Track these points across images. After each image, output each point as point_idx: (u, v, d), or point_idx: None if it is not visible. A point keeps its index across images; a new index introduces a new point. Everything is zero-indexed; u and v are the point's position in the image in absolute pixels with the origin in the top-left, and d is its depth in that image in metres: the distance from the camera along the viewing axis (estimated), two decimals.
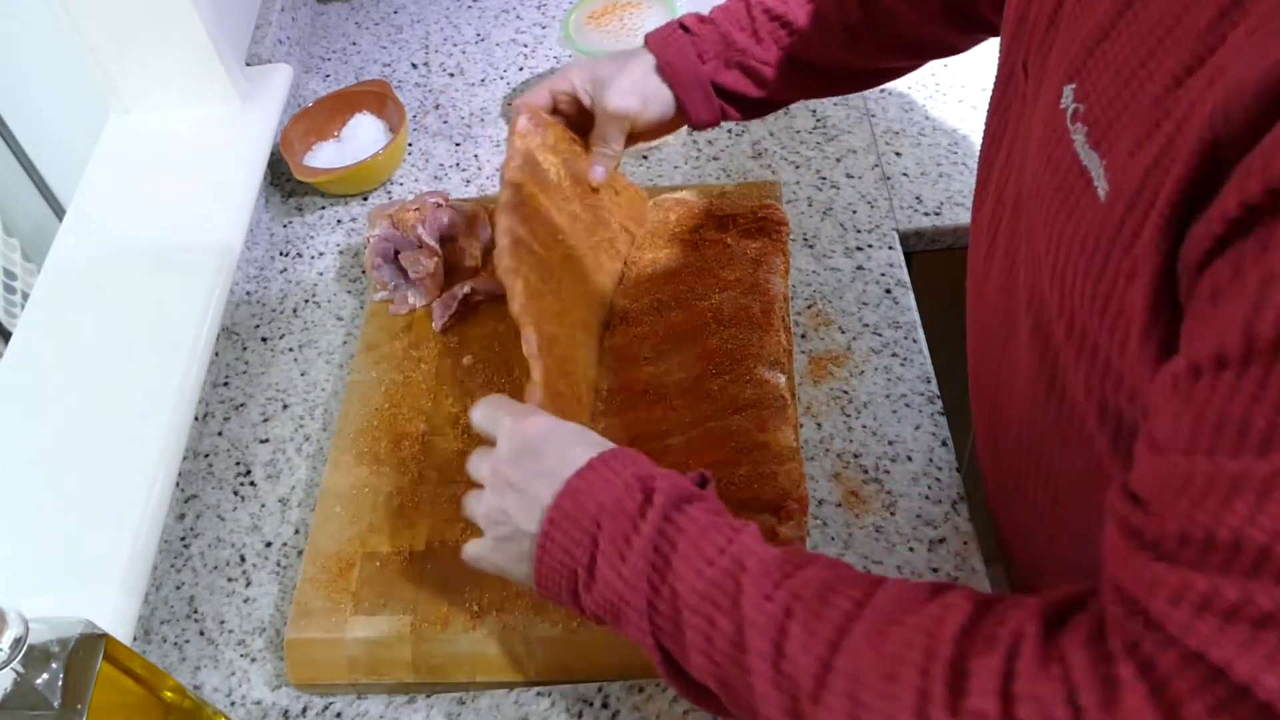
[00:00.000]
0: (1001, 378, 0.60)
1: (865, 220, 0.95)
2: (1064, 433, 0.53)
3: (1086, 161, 0.43)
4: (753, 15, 0.77)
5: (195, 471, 0.84)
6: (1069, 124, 0.45)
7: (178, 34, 0.98)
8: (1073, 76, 0.45)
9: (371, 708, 0.69)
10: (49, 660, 0.52)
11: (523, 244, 0.72)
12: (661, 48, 0.76)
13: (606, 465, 0.55)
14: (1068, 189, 0.45)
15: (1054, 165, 0.46)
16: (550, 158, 0.77)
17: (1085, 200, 0.43)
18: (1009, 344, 0.58)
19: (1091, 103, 0.43)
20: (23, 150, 1.29)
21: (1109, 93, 0.42)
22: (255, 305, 0.96)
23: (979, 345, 0.65)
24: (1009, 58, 0.58)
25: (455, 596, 0.70)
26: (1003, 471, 0.64)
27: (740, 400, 0.77)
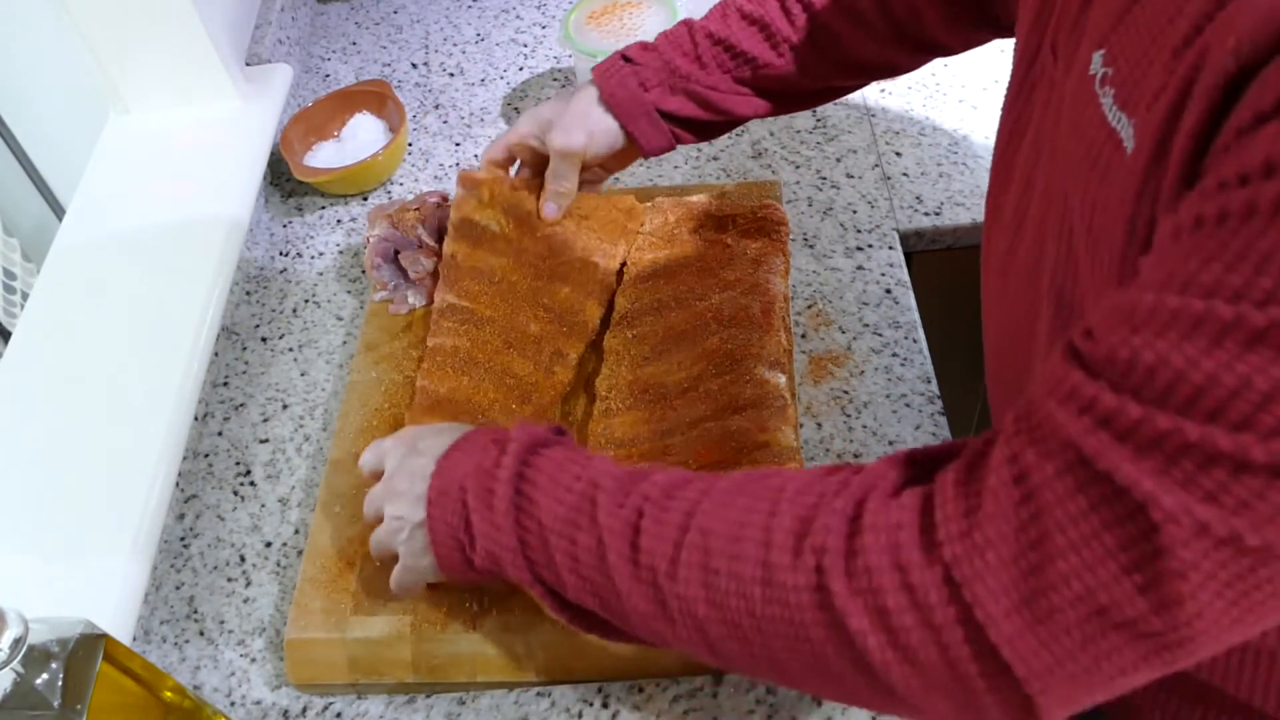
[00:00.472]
0: (1028, 369, 0.60)
1: (865, 220, 0.95)
2: None
3: (1115, 123, 0.44)
4: (695, 40, 0.77)
5: (195, 471, 0.84)
6: (1098, 89, 0.45)
7: (178, 34, 0.98)
8: (1102, 42, 0.46)
9: (371, 708, 0.69)
10: (49, 660, 0.52)
11: (447, 311, 0.81)
12: (604, 80, 0.77)
13: (467, 440, 0.59)
14: (1097, 153, 0.45)
15: (1082, 132, 0.47)
16: (488, 213, 0.83)
17: (1115, 162, 0.44)
18: (1035, 332, 0.58)
19: (1119, 65, 0.44)
20: (23, 150, 1.29)
21: (1135, 53, 0.43)
22: (255, 305, 0.96)
23: (1001, 339, 0.65)
24: (1030, 45, 0.58)
25: (455, 596, 0.70)
26: None
27: (741, 400, 0.77)
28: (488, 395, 0.77)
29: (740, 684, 0.67)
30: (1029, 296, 0.58)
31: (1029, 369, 0.59)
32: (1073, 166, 0.48)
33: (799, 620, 0.43)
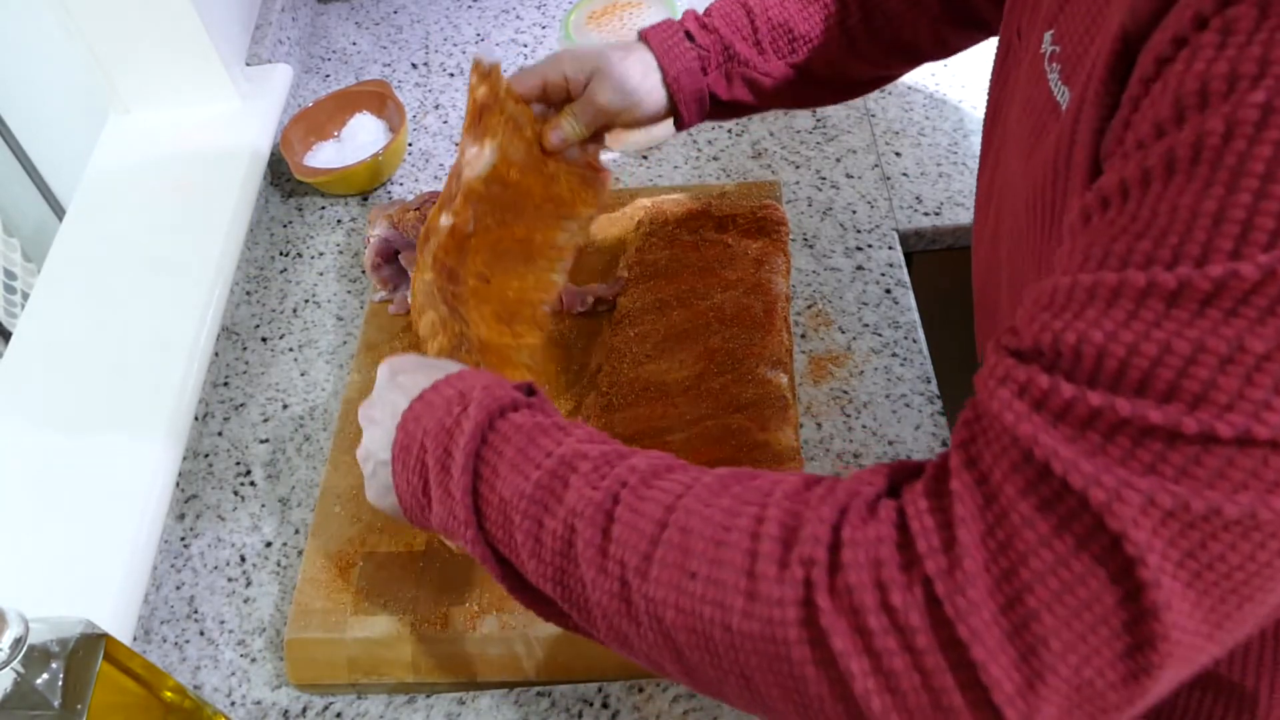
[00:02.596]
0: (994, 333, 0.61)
1: (865, 220, 0.95)
2: None
3: (1058, 96, 0.45)
4: (755, 25, 0.76)
5: (195, 471, 0.84)
6: (1046, 66, 0.46)
7: (178, 34, 0.98)
8: (1051, 23, 0.47)
9: (371, 708, 0.69)
10: (49, 660, 0.52)
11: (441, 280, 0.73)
12: (667, 58, 0.75)
13: (436, 390, 0.55)
14: (1038, 124, 0.46)
15: (1030, 106, 0.48)
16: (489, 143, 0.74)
17: (1052, 130, 0.45)
18: (997, 305, 0.59)
19: (1064, 43, 0.45)
20: (23, 150, 1.29)
21: (1077, 30, 0.44)
22: (255, 305, 0.96)
23: (980, 312, 0.65)
24: (1008, 30, 0.59)
25: (455, 596, 0.70)
26: None
27: (741, 399, 0.77)
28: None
29: None
30: (996, 266, 0.59)
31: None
32: (1020, 141, 0.49)
33: (781, 637, 0.40)
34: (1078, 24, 0.44)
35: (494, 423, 0.52)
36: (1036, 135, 0.47)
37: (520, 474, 0.49)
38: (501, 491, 0.50)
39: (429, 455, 0.52)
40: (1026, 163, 0.48)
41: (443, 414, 0.53)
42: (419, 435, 0.53)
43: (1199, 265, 0.33)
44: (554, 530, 0.47)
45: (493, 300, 0.73)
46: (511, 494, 0.49)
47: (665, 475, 0.47)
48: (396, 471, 0.55)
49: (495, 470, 0.50)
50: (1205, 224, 0.33)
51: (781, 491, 0.43)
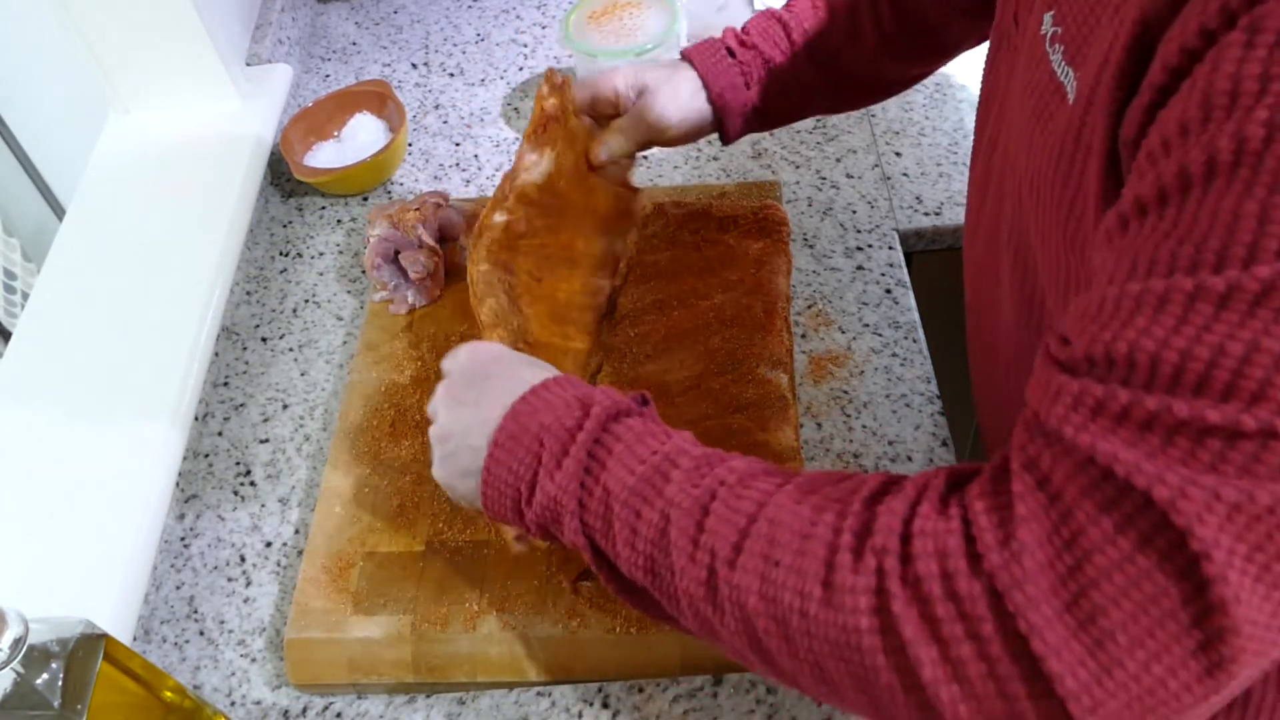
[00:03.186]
0: (993, 323, 0.61)
1: (865, 220, 0.95)
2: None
3: (1062, 77, 0.45)
4: (791, 38, 0.77)
5: (195, 471, 0.84)
6: (1048, 48, 0.47)
7: (178, 34, 0.98)
8: (1051, 4, 0.47)
9: (371, 708, 0.69)
10: (49, 660, 0.52)
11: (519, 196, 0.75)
12: (711, 74, 0.76)
13: (548, 389, 0.57)
14: (1043, 106, 0.47)
15: (1033, 88, 0.48)
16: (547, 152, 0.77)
17: (1058, 111, 0.45)
18: (996, 289, 0.59)
19: (1067, 24, 0.45)
20: (23, 150, 1.29)
21: (1082, 11, 0.44)
22: (255, 305, 0.96)
23: (974, 296, 0.66)
24: (1003, 18, 0.59)
25: (455, 596, 0.70)
26: (999, 420, 0.66)
27: (742, 399, 0.77)
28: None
29: (740, 684, 0.67)
30: (993, 251, 0.59)
31: (995, 321, 0.60)
32: (1023, 123, 0.49)
33: (853, 625, 0.41)
34: (1081, 5, 0.44)
35: (609, 425, 0.55)
36: (1040, 118, 0.47)
37: (626, 468, 0.52)
38: (606, 483, 0.52)
39: (545, 450, 0.55)
40: (1030, 146, 0.48)
41: (562, 413, 0.56)
42: (533, 428, 0.55)
43: (1246, 267, 0.34)
44: (651, 520, 0.50)
45: (545, 300, 0.75)
46: (616, 485, 0.52)
47: (762, 476, 0.49)
48: (496, 458, 0.56)
49: (604, 465, 0.53)
50: (1250, 226, 0.33)
51: (867, 488, 0.45)
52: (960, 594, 0.39)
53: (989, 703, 0.39)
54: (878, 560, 0.41)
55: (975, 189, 0.65)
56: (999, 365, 0.63)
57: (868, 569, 0.41)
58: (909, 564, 0.41)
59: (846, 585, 0.42)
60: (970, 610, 0.39)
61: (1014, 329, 0.58)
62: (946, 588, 0.39)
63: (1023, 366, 0.57)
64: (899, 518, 0.42)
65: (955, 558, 0.40)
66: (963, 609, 0.39)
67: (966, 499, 0.41)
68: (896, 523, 0.42)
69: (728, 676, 0.68)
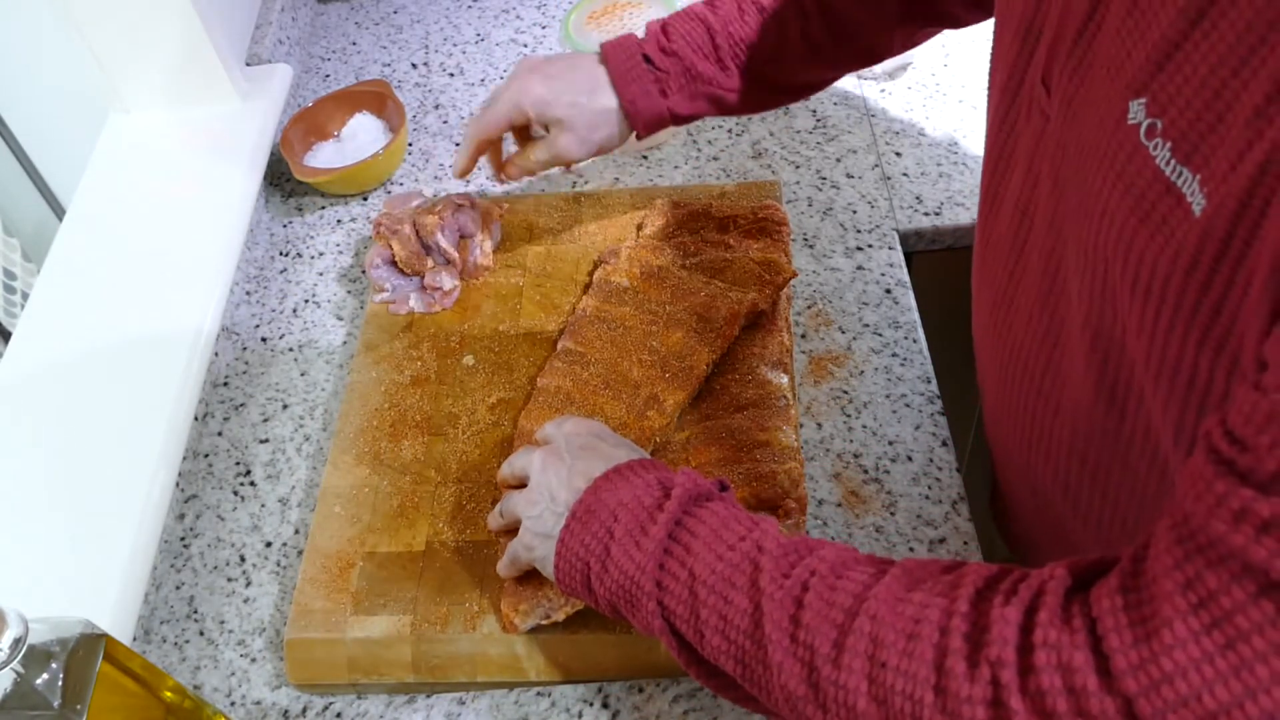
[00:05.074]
0: (1044, 391, 0.59)
1: (865, 220, 0.95)
2: (1125, 444, 0.53)
3: (1175, 177, 0.42)
4: (716, 42, 0.76)
5: (195, 471, 0.84)
6: (1144, 140, 0.43)
7: (178, 34, 0.98)
8: (1140, 91, 0.44)
9: (371, 708, 0.69)
10: (49, 660, 0.52)
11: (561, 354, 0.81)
12: (625, 85, 0.76)
13: (632, 469, 0.58)
14: (1150, 207, 0.43)
15: (1128, 184, 0.45)
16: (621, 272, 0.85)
17: (1176, 217, 0.42)
18: (1055, 358, 0.57)
19: (1173, 117, 0.42)
20: (23, 150, 1.28)
21: (1195, 107, 0.41)
22: (255, 305, 0.96)
23: (1006, 367, 0.63)
24: (1016, 71, 0.57)
25: (455, 596, 0.70)
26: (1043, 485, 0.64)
27: (742, 399, 0.77)
28: None
29: None
30: (1044, 322, 0.57)
31: (1051, 390, 0.58)
32: (1110, 215, 0.46)
33: None
34: (1193, 97, 0.41)
35: (692, 508, 0.55)
36: (1148, 220, 0.44)
37: (713, 553, 0.52)
38: (693, 568, 0.52)
39: (619, 524, 0.55)
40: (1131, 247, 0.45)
41: (641, 492, 0.56)
42: (611, 504, 0.56)
43: None
44: (743, 609, 0.49)
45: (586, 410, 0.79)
46: (702, 570, 0.51)
47: (853, 566, 0.48)
48: (572, 529, 0.57)
49: (688, 549, 0.53)
50: None
51: (970, 585, 0.44)
52: (1090, 713, 0.38)
53: None
54: (993, 671, 0.41)
55: (1002, 248, 0.61)
56: (1056, 444, 0.60)
57: (982, 679, 0.41)
58: (1028, 677, 0.40)
59: (962, 694, 0.41)
60: None
61: (1085, 410, 0.55)
62: (1074, 705, 0.38)
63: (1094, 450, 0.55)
64: (1014, 626, 0.41)
65: (1084, 674, 0.39)
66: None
67: (1095, 611, 0.40)
68: (1012, 632, 0.41)
69: None
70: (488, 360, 0.84)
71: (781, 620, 0.47)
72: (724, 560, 0.51)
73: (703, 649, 0.52)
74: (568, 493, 0.59)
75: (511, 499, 0.65)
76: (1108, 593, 0.40)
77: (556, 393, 0.78)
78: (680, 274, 0.84)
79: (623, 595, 0.55)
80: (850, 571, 0.48)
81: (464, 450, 0.78)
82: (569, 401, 0.77)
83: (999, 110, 0.60)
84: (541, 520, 0.60)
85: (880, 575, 0.47)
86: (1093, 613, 0.40)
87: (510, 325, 0.86)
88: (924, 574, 0.46)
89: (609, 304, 0.83)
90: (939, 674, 0.42)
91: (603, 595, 0.56)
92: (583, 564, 0.56)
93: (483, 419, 0.80)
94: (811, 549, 0.50)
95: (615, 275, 0.85)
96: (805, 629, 0.47)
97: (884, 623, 0.44)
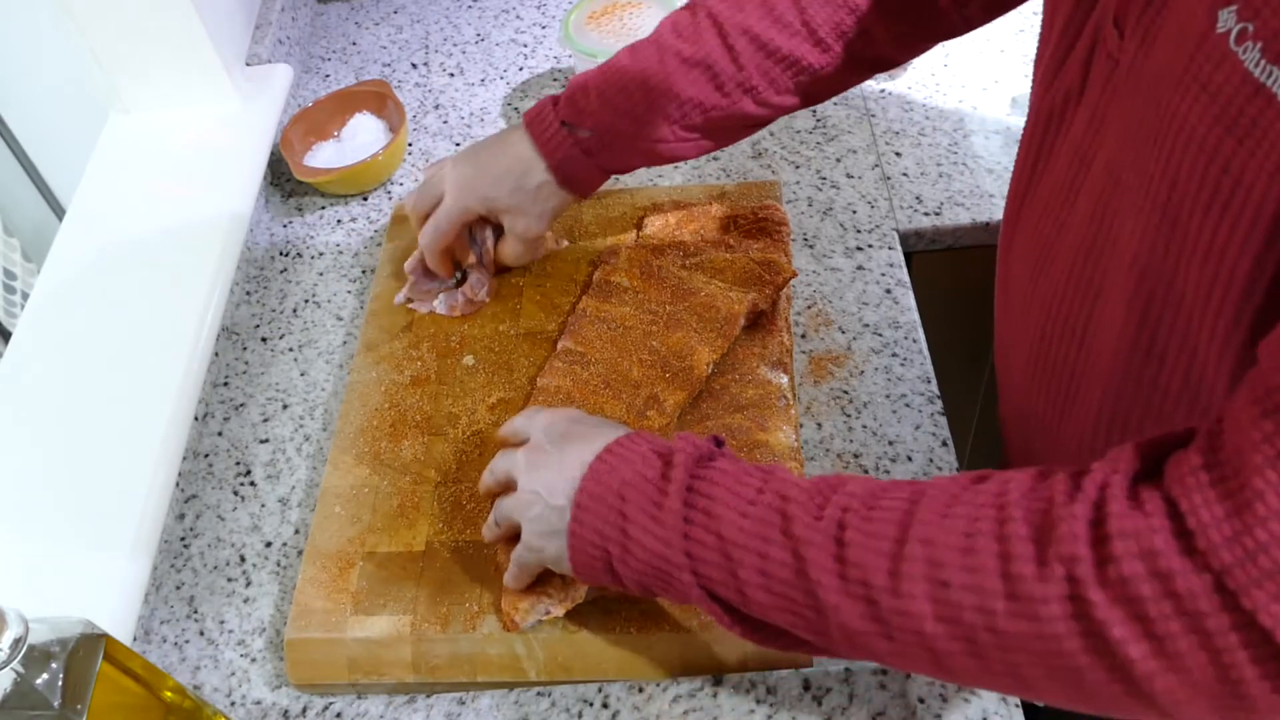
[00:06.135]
0: (1084, 345, 0.59)
1: (865, 220, 0.95)
2: (1162, 394, 0.53)
3: (1265, 78, 0.41)
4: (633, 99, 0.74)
5: (195, 471, 0.84)
6: (1232, 46, 0.43)
7: (178, 34, 0.98)
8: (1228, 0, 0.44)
9: (371, 708, 0.69)
10: (49, 660, 0.52)
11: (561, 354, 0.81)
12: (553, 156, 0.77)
13: (623, 446, 0.58)
14: (1238, 112, 0.43)
15: (1214, 93, 0.44)
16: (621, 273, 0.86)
17: (1267, 118, 0.42)
18: (1096, 311, 0.56)
19: (1265, 18, 0.42)
20: (23, 150, 1.29)
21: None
22: (255, 305, 0.96)
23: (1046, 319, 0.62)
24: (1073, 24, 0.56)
25: (455, 596, 0.70)
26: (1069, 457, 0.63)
27: (741, 399, 0.77)
28: None
29: (740, 684, 0.67)
30: (1083, 279, 0.57)
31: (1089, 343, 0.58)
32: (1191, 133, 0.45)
33: (1051, 633, 0.42)
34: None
35: (699, 470, 0.54)
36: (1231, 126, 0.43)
37: (735, 511, 0.51)
38: (719, 531, 0.52)
39: (628, 504, 0.55)
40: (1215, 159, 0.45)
41: (641, 466, 0.56)
42: (613, 485, 0.56)
43: None
44: (782, 560, 0.49)
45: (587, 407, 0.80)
46: (731, 532, 0.51)
47: (883, 495, 0.48)
48: (581, 521, 0.57)
49: (709, 513, 0.52)
50: None
51: (1016, 490, 0.44)
52: (1178, 592, 0.39)
53: (1208, 686, 0.40)
54: (1066, 568, 0.41)
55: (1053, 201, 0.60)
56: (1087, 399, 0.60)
57: (1055, 576, 0.41)
58: (1106, 567, 0.40)
59: (1036, 595, 0.42)
60: (1192, 607, 0.39)
61: (1124, 358, 0.55)
62: (1159, 588, 0.39)
63: (1129, 400, 0.55)
64: (1083, 520, 0.42)
65: (1167, 556, 0.39)
66: (1183, 607, 0.39)
67: (1174, 491, 0.40)
68: (1081, 527, 0.41)
69: (728, 676, 0.68)
70: (488, 360, 0.84)
71: (826, 563, 0.47)
72: (749, 517, 0.51)
73: (748, 608, 0.52)
74: (565, 484, 0.58)
75: (503, 506, 0.64)
76: (1189, 470, 0.40)
77: (556, 393, 0.78)
78: (680, 274, 0.84)
79: (652, 573, 0.54)
80: (882, 500, 0.48)
81: (464, 450, 0.78)
82: (569, 401, 0.77)
83: (1054, 58, 0.59)
84: (543, 519, 0.59)
85: (915, 499, 0.47)
86: (1171, 493, 0.40)
87: (510, 325, 0.86)
88: (958, 489, 0.47)
89: (609, 304, 0.83)
90: (1006, 581, 0.42)
91: (629, 577, 0.56)
92: (601, 551, 0.56)
93: (483, 419, 0.80)
94: (834, 486, 0.50)
95: (615, 275, 0.85)
96: (854, 565, 0.47)
97: (936, 543, 0.45)
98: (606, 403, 0.77)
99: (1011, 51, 1.10)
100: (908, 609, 0.45)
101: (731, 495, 0.52)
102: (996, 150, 1.00)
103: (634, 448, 0.57)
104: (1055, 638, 0.42)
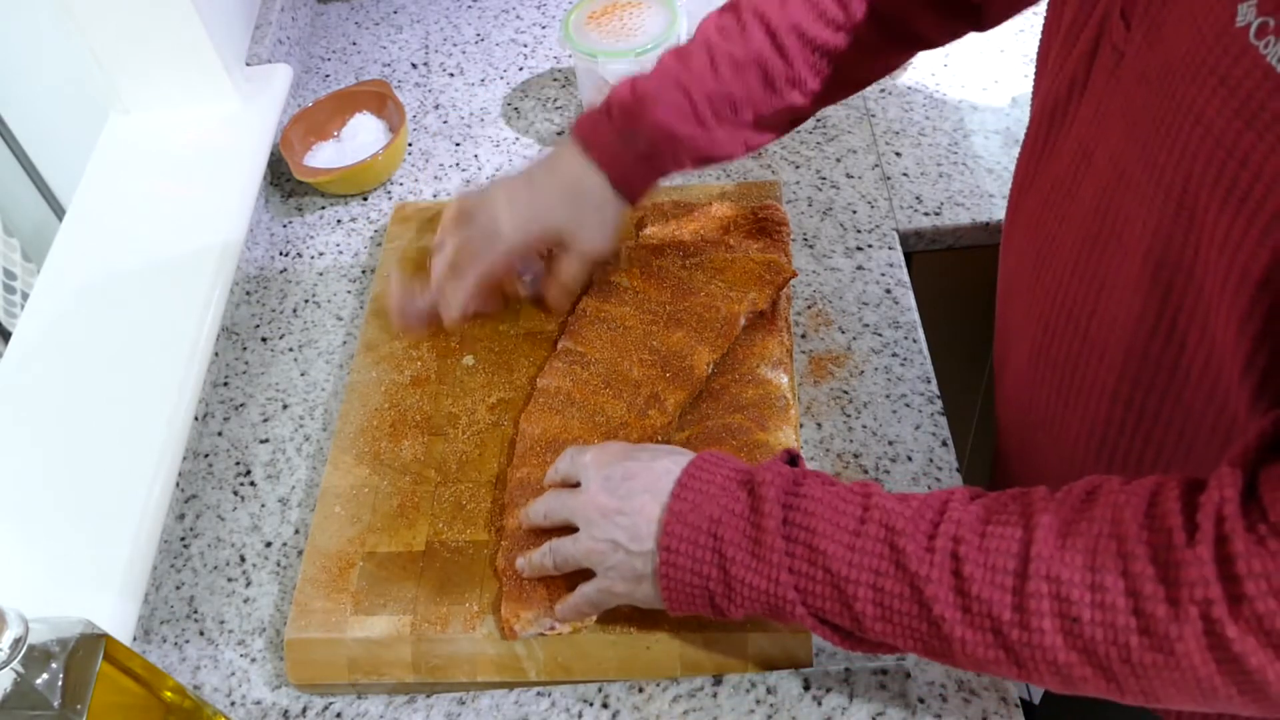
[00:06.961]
0: (1089, 335, 0.59)
1: (865, 220, 0.95)
2: (1182, 378, 0.53)
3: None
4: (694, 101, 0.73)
5: (195, 471, 0.84)
6: (1252, 40, 0.43)
7: (178, 34, 0.98)
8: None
9: (371, 708, 0.69)
10: (49, 660, 0.52)
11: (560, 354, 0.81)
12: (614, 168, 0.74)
13: (698, 479, 0.58)
14: (1259, 107, 0.43)
15: (1233, 87, 0.44)
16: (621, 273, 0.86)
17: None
18: (1101, 300, 0.57)
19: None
20: (23, 150, 1.29)
21: None
22: (255, 305, 0.96)
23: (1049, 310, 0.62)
24: (1080, 17, 0.57)
25: (455, 596, 0.70)
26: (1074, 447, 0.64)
27: (741, 399, 0.77)
28: (574, 433, 0.75)
29: (740, 684, 0.67)
30: (1087, 270, 0.57)
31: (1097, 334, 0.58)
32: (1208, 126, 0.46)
33: (1188, 664, 0.44)
34: None
35: (789, 502, 0.54)
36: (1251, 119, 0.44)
37: (840, 545, 0.52)
38: (827, 565, 0.52)
39: (725, 543, 0.55)
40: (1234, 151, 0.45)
41: (727, 500, 0.56)
42: (703, 524, 0.56)
43: None
44: (899, 594, 0.50)
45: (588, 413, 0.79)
46: (839, 567, 0.52)
47: (992, 520, 0.49)
48: (672, 562, 0.57)
49: (811, 547, 0.53)
50: None
51: (1132, 521, 0.46)
52: None
53: None
54: (1200, 609, 0.43)
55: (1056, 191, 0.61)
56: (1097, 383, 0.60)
57: (1190, 618, 0.43)
58: (1240, 604, 0.42)
59: (1172, 635, 0.43)
60: None
61: (1140, 346, 0.55)
62: None
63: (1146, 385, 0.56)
64: (1210, 564, 0.43)
65: None
66: None
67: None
68: (1210, 572, 0.43)
69: (728, 676, 0.68)
70: (488, 360, 0.84)
71: (947, 597, 0.48)
72: (856, 550, 0.51)
73: (865, 634, 0.53)
74: (646, 528, 0.58)
75: (564, 551, 0.63)
76: None
77: (556, 393, 0.78)
78: (680, 274, 0.84)
79: (760, 607, 0.55)
80: (993, 529, 0.49)
81: (464, 450, 0.78)
82: (569, 401, 0.77)
83: (1058, 52, 0.60)
84: (626, 566, 0.59)
85: (1028, 526, 0.48)
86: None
87: (510, 325, 0.86)
88: (1069, 513, 0.47)
89: (609, 304, 0.83)
90: (1139, 618, 0.44)
91: (735, 611, 0.56)
92: (703, 591, 0.56)
93: (483, 419, 0.80)
94: (939, 510, 0.51)
95: (615, 275, 0.85)
96: (977, 600, 0.48)
97: (1060, 580, 0.46)
98: (607, 402, 0.77)
99: (1011, 51, 1.10)
100: (1038, 642, 0.47)
101: (832, 527, 0.52)
102: (996, 150, 1.00)
103: (710, 478, 0.57)
104: (1192, 668, 0.43)
